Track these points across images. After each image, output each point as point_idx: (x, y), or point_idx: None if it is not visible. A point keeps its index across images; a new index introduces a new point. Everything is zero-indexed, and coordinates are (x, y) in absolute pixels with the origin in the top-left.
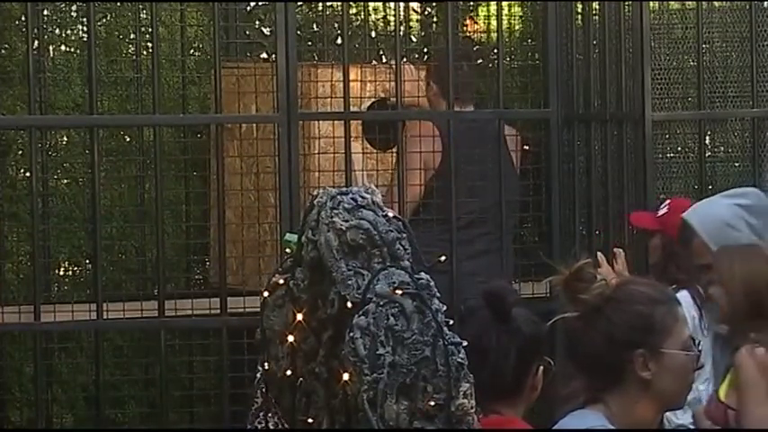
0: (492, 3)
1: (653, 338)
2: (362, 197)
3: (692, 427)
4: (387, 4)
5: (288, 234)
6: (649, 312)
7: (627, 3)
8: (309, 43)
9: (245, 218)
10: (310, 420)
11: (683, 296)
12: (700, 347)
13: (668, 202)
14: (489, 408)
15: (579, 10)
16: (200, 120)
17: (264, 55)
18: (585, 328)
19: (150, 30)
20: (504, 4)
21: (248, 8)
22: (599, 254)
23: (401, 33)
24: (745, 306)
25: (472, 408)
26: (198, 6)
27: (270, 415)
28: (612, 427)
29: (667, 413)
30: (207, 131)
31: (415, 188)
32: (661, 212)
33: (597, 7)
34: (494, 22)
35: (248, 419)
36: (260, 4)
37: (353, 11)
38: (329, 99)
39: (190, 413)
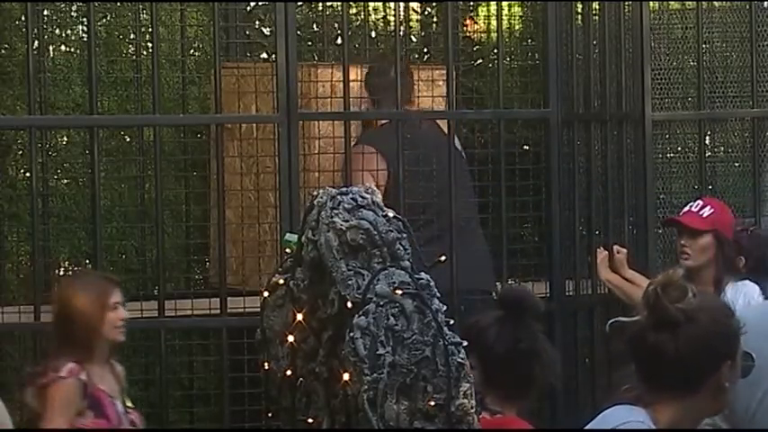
0: (492, 3)
1: (737, 349)
2: (362, 197)
3: None
4: (387, 4)
5: (288, 234)
6: (735, 324)
7: (627, 3)
8: (309, 43)
9: (245, 218)
10: (310, 420)
11: (754, 287)
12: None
13: (701, 203)
14: (492, 407)
15: (579, 10)
16: (201, 120)
17: (264, 55)
18: (675, 336)
19: (150, 30)
20: (504, 4)
21: (248, 8)
22: (599, 250)
23: (401, 33)
24: None
25: (472, 408)
26: (198, 6)
27: None
28: (653, 427)
29: None
30: (207, 131)
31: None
32: (707, 213)
33: (597, 7)
34: (494, 22)
35: None
36: (260, 4)
37: (353, 11)
38: (329, 99)
39: (190, 413)
